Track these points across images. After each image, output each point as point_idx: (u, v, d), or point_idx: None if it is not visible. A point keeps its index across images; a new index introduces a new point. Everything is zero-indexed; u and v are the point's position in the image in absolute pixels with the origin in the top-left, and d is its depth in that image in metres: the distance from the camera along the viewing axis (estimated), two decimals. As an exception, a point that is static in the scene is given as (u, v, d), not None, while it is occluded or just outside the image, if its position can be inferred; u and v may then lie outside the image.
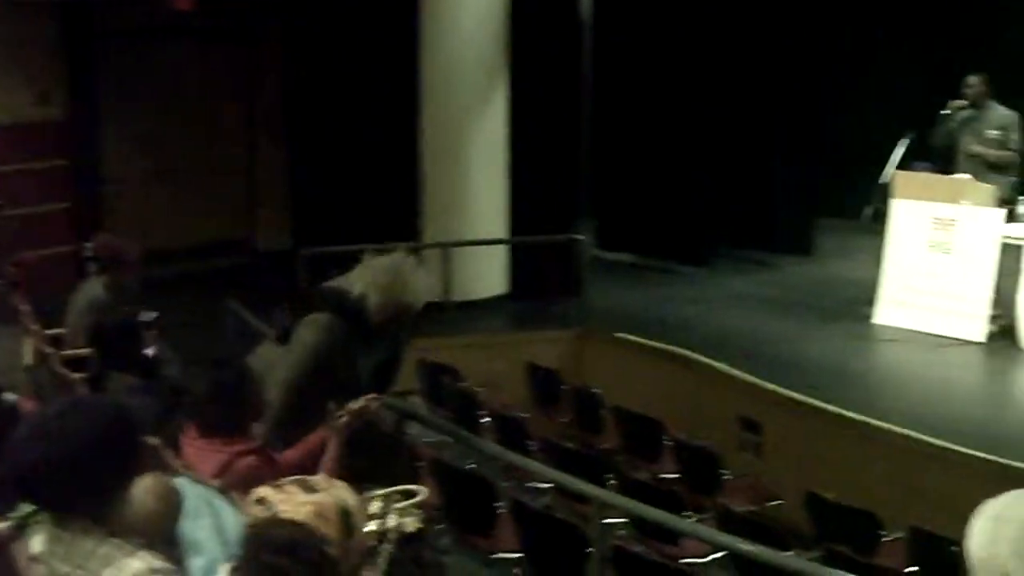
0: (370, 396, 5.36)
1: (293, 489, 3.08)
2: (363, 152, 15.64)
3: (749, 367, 10.29)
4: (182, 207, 15.93)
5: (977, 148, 11.51)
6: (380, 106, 15.18)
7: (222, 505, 4.17)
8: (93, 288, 7.88)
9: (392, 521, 3.69)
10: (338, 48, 15.79)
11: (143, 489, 3.59)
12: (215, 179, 16.45)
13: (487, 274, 13.40)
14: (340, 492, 3.13)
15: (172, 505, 3.90)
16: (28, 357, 8.13)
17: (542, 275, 13.20)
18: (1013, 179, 11.56)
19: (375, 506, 3.79)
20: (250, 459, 4.94)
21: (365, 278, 5.77)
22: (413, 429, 7.55)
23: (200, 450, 5.00)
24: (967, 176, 11.46)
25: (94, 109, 15.56)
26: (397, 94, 14.15)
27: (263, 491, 3.11)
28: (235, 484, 4.60)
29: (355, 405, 5.26)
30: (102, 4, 15.40)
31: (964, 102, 11.58)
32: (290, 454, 5.23)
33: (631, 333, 11.59)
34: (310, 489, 3.08)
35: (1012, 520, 2.57)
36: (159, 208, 15.71)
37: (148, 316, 7.53)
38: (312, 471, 4.72)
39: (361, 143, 15.65)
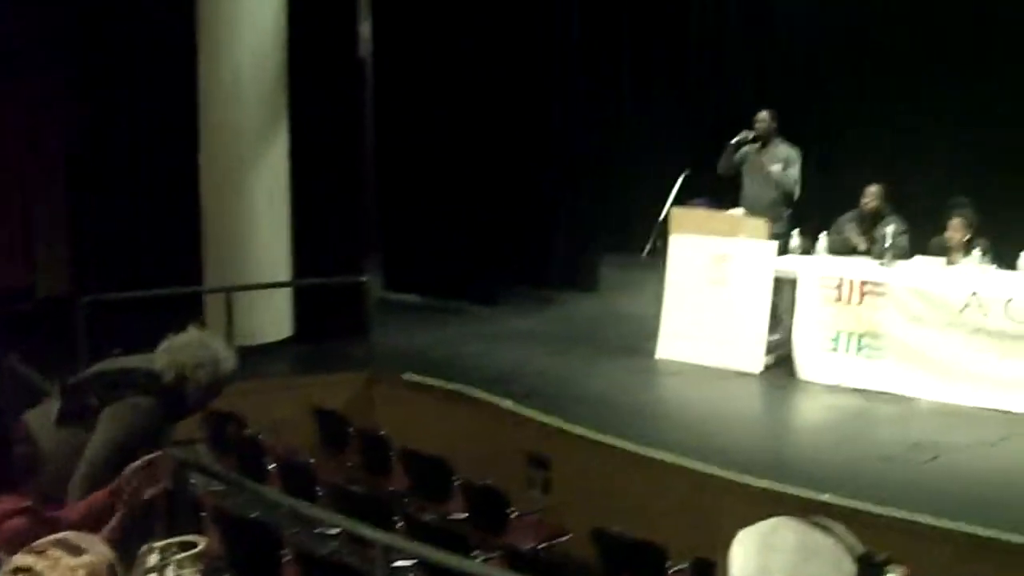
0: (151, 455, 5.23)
1: (57, 552, 2.94)
2: (144, 195, 15.33)
3: (535, 404, 10.39)
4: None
5: (758, 181, 11.95)
6: (160, 146, 14.92)
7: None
8: None
9: (171, 574, 3.61)
10: (118, 89, 15.46)
11: None
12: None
13: (271, 317, 13.25)
14: (105, 549, 3.02)
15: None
16: None
17: (328, 317, 13.10)
18: (788, 212, 12.01)
19: (152, 559, 3.70)
20: (22, 519, 4.74)
21: (175, 360, 5.73)
22: (197, 479, 7.38)
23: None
24: (741, 211, 11.86)
25: None
26: (177, 134, 13.92)
27: (23, 559, 2.92)
28: (4, 544, 4.42)
29: (140, 463, 5.12)
30: None
31: (752, 133, 12.03)
32: (71, 512, 5.04)
33: (419, 374, 11.59)
34: (75, 550, 2.95)
35: (781, 550, 2.59)
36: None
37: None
38: (95, 531, 4.56)
39: (142, 185, 15.34)
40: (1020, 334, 10.14)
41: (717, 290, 11.55)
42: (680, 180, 12.12)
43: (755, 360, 11.27)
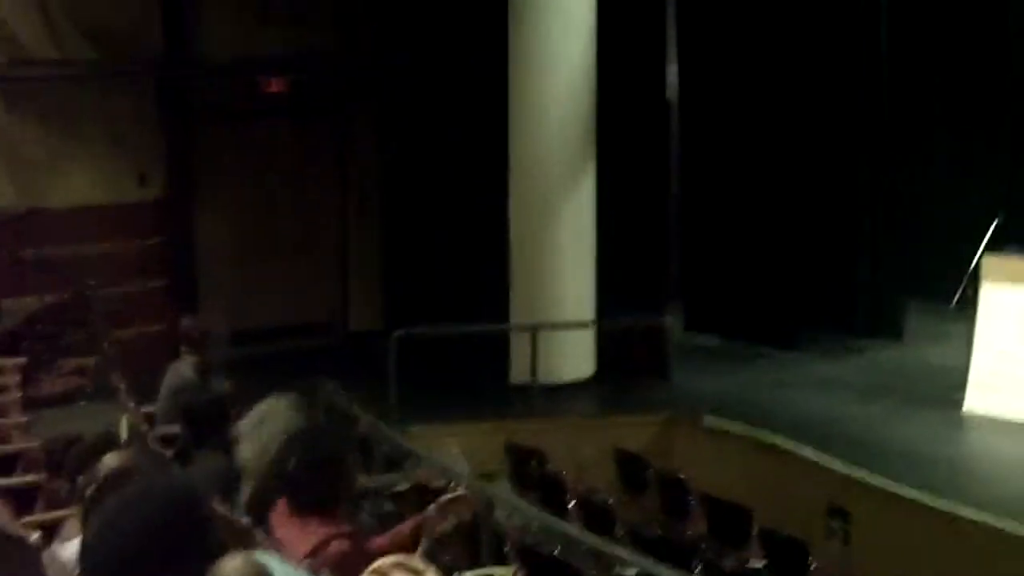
0: (462, 492, 5.42)
1: (398, 574, 3.09)
2: (454, 229, 15.77)
3: (836, 453, 10.20)
4: (276, 285, 16.12)
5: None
6: (471, 184, 15.32)
7: (312, 588, 4.19)
8: (182, 368, 8.04)
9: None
10: (429, 128, 15.99)
11: (232, 569, 3.65)
12: (309, 257, 16.64)
13: (574, 356, 13.42)
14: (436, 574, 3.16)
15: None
16: (124, 433, 8.30)
17: (629, 358, 13.19)
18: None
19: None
20: (343, 543, 4.98)
21: None
22: (500, 513, 7.57)
23: (293, 529, 5.05)
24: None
25: (190, 188, 15.91)
26: (487, 173, 14.29)
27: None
28: (326, 567, 4.66)
29: (447, 498, 5.31)
30: (199, 85, 15.81)
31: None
32: (381, 541, 5.26)
33: (718, 417, 11.55)
34: (416, 572, 3.09)
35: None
36: (253, 286, 15.93)
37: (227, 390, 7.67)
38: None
39: (452, 220, 15.78)
40: None
41: (1032, 343, 11.09)
42: (993, 226, 11.70)
43: (1072, 418, 10.76)
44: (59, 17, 14.75)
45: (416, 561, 3.26)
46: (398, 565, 3.14)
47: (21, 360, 8.78)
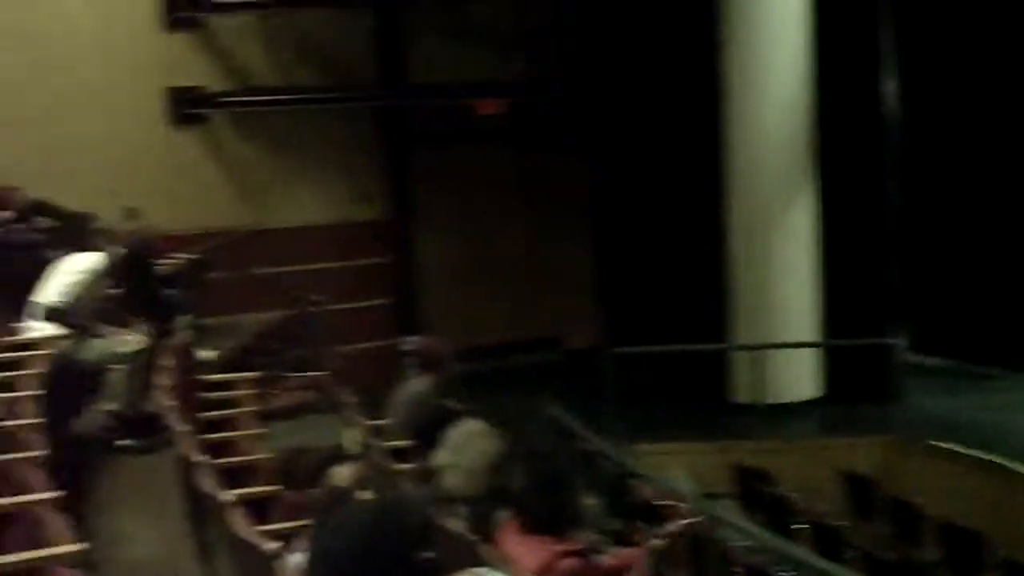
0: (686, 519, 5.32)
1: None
2: (670, 248, 15.63)
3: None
4: (494, 304, 16.25)
5: None
6: (686, 205, 15.16)
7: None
8: (415, 385, 8.12)
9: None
10: (644, 148, 15.89)
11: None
12: (525, 276, 16.71)
13: (799, 376, 13.11)
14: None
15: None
16: (352, 446, 8.39)
17: (855, 379, 12.81)
18: None
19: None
20: (573, 560, 4.90)
21: None
22: (726, 533, 7.40)
23: (523, 547, 4.99)
24: None
25: (409, 208, 16.15)
26: (702, 193, 14.12)
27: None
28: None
29: (673, 527, 5.21)
30: (418, 110, 16.05)
31: None
32: (610, 562, 5.17)
33: (946, 440, 11.12)
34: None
35: None
36: (472, 305, 16.07)
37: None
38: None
39: (668, 242, 15.65)
40: None
41: None
42: None
43: None
44: (284, 45, 15.17)
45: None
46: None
47: (254, 375, 8.95)
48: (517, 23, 16.02)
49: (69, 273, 7.81)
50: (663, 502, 7.49)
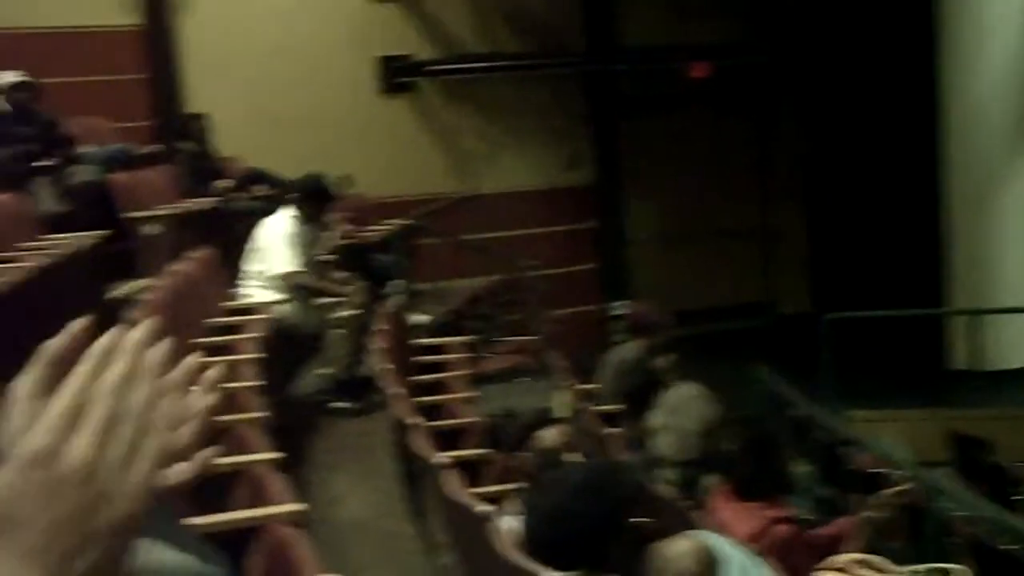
0: (903, 487, 5.18)
1: (862, 571, 2.88)
2: (882, 214, 15.28)
3: None
4: (703, 269, 16.12)
5: None
6: (899, 167, 14.79)
7: (760, 571, 4.07)
8: (626, 350, 8.13)
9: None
10: (854, 108, 15.54)
11: (680, 550, 3.55)
12: (734, 241, 16.53)
13: (1019, 343, 12.65)
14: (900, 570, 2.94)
15: (710, 568, 3.84)
16: (563, 409, 8.43)
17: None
18: None
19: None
20: (785, 527, 4.84)
21: None
22: (945, 503, 7.18)
23: (735, 512, 4.94)
24: None
25: (618, 174, 16.10)
26: (916, 154, 13.73)
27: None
28: (770, 550, 4.52)
29: (891, 491, 5.08)
30: (626, 74, 15.95)
31: None
32: (825, 530, 5.09)
33: None
34: (878, 570, 2.88)
35: None
36: (680, 270, 15.98)
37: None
38: (837, 552, 4.57)
39: (880, 204, 15.29)
40: None
41: None
42: None
43: None
44: (491, 12, 15.24)
45: (882, 561, 3.01)
46: (862, 562, 2.90)
47: (466, 339, 9.07)
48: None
49: (283, 237, 7.99)
50: (878, 470, 7.32)
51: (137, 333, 0.92)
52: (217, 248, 8.57)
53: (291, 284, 7.85)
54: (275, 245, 7.95)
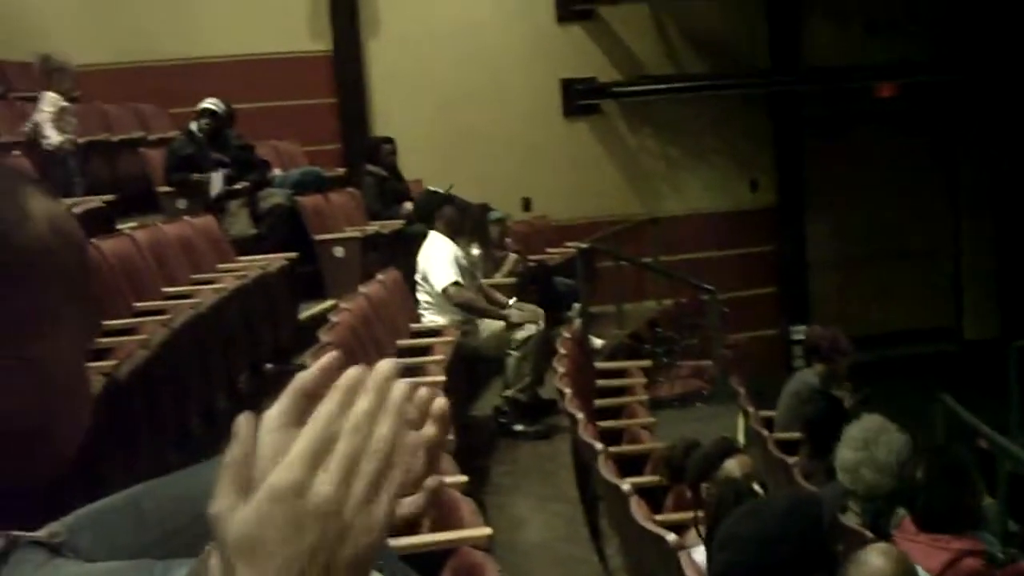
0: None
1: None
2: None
3: None
4: (886, 292, 15.83)
5: None
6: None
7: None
8: (807, 376, 8.00)
9: None
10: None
11: (879, 563, 3.49)
12: (919, 264, 16.19)
13: None
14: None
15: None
16: (741, 436, 8.37)
17: None
18: None
19: None
20: (975, 560, 4.72)
21: None
22: None
23: (922, 545, 4.84)
24: None
25: (800, 195, 15.91)
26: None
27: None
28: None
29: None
30: (810, 96, 15.77)
31: None
32: (1016, 567, 4.95)
33: None
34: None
35: None
36: (863, 293, 15.73)
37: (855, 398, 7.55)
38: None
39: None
40: None
41: None
42: None
43: None
44: (674, 34, 15.23)
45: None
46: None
47: (645, 363, 9.07)
48: (911, 3, 15.45)
49: (439, 257, 8.11)
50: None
51: (382, 369, 0.96)
52: (402, 270, 8.75)
53: (453, 302, 7.94)
54: (433, 265, 8.06)
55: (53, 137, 8.84)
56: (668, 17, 15.19)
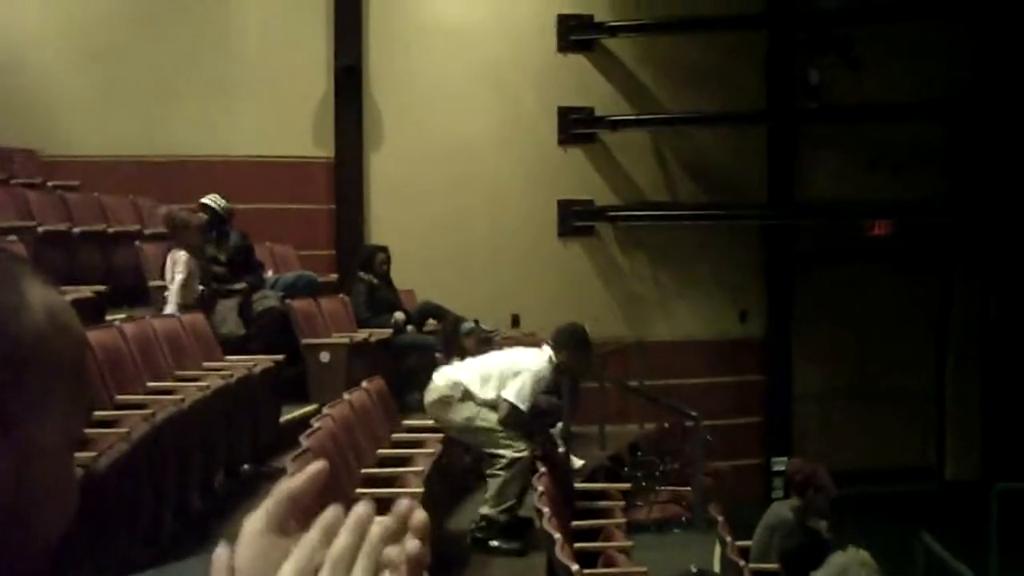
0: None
1: None
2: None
3: None
4: (869, 429, 15.82)
5: None
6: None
7: None
8: (782, 509, 7.98)
9: None
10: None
11: None
12: (903, 402, 16.19)
13: None
14: None
15: None
16: (717, 565, 8.31)
17: None
18: None
19: None
20: None
21: None
22: None
23: None
24: None
25: (788, 327, 15.96)
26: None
27: None
28: None
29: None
30: (803, 229, 15.91)
31: None
32: None
33: None
34: None
35: None
36: (846, 428, 15.73)
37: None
38: None
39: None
40: None
41: None
42: None
43: None
44: (672, 161, 15.41)
45: None
46: None
47: (624, 486, 9.02)
48: (911, 144, 15.61)
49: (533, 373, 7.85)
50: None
51: (361, 511, 0.97)
52: (388, 379, 8.74)
53: (510, 421, 7.72)
54: (521, 376, 7.79)
55: (171, 304, 8.77)
56: (666, 145, 15.37)
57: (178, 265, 8.82)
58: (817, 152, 15.95)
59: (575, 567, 5.61)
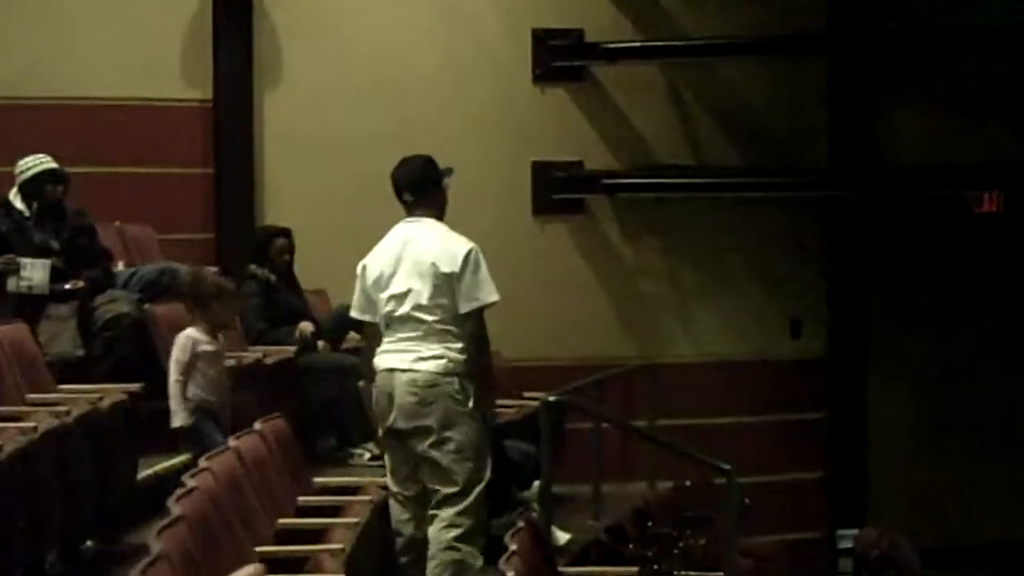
0: None
1: None
2: None
3: None
4: (973, 484, 15.97)
5: None
6: None
7: None
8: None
9: None
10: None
11: None
12: (1021, 448, 16.26)
13: None
14: None
15: None
16: None
17: None
18: None
19: None
20: None
21: None
22: None
23: None
24: None
25: (861, 344, 16.09)
26: None
27: None
28: None
29: None
30: (883, 206, 15.98)
31: None
32: None
33: None
34: None
35: None
36: (941, 484, 15.83)
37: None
38: None
39: None
40: None
41: None
42: None
43: None
44: (693, 108, 15.41)
45: None
46: None
47: (629, 570, 9.06)
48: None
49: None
50: None
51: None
52: (291, 417, 8.73)
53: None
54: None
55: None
56: (686, 84, 15.35)
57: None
58: (900, 96, 16.01)
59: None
